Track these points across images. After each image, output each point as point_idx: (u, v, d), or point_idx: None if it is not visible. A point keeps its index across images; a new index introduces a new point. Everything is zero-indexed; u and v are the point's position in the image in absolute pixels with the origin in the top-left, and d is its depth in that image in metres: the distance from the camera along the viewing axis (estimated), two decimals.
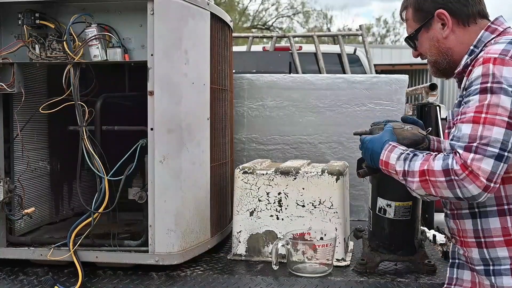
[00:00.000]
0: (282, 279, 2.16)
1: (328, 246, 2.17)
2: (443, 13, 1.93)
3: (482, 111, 1.67)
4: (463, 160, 1.64)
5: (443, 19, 1.94)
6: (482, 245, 1.80)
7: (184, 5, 2.21)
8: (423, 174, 1.73)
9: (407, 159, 1.81)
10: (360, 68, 6.12)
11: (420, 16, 1.99)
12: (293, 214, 2.37)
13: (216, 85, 2.49)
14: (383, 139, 1.96)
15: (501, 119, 1.64)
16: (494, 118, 1.65)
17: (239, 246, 2.42)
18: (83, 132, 2.22)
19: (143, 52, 2.19)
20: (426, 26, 1.98)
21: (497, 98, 1.66)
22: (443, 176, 1.68)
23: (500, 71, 1.68)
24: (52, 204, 2.73)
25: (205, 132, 2.38)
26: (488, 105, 1.66)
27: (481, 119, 1.66)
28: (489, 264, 1.79)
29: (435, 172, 1.69)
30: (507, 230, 1.75)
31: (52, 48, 2.20)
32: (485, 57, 1.73)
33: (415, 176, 1.75)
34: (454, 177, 1.65)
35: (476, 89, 1.70)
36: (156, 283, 2.18)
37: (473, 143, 1.64)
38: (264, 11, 28.80)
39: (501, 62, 1.69)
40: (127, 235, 2.46)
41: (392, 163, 1.85)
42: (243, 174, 2.41)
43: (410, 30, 2.04)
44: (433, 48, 1.98)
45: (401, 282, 2.12)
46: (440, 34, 1.95)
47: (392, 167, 1.85)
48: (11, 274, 2.26)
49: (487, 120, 1.65)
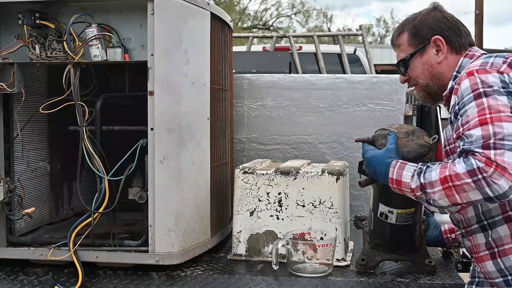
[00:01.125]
0: (282, 279, 2.16)
1: (328, 246, 2.17)
2: (439, 39, 2.03)
3: (485, 113, 1.69)
4: (486, 156, 1.62)
5: (438, 45, 2.04)
6: (496, 255, 1.82)
7: (184, 5, 2.21)
8: (445, 181, 1.69)
9: (421, 173, 1.79)
10: (360, 68, 6.12)
11: (416, 41, 2.07)
12: (293, 214, 2.37)
13: (216, 85, 2.49)
14: (386, 158, 1.93)
15: (506, 115, 1.67)
16: (499, 116, 1.67)
17: (239, 246, 2.42)
18: (83, 132, 2.22)
19: (143, 52, 2.19)
20: (421, 51, 2.07)
21: (493, 99, 1.70)
22: (470, 177, 1.64)
23: (486, 77, 1.75)
24: (52, 204, 2.73)
25: (205, 132, 2.38)
26: (488, 107, 1.69)
27: (488, 119, 1.68)
28: (506, 275, 1.80)
29: (460, 175, 1.66)
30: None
31: (52, 48, 2.20)
32: (467, 71, 1.81)
33: (436, 185, 1.72)
34: (482, 175, 1.62)
35: (470, 98, 1.74)
36: (156, 283, 2.18)
37: (489, 141, 1.64)
38: (265, 11, 28.81)
39: (484, 71, 1.77)
40: (127, 235, 2.46)
41: (406, 181, 1.82)
42: (243, 174, 2.41)
43: (403, 54, 2.11)
44: (426, 72, 2.06)
45: (401, 282, 2.12)
46: (434, 59, 2.04)
47: (406, 185, 1.83)
48: (11, 274, 2.26)
49: (494, 118, 1.67)
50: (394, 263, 2.34)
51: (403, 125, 2.14)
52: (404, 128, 2.10)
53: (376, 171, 1.95)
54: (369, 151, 2.02)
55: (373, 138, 2.09)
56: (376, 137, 2.09)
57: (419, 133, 2.06)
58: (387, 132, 2.06)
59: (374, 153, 1.99)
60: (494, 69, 1.78)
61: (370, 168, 1.99)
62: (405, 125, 2.14)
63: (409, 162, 1.91)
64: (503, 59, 1.82)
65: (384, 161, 1.92)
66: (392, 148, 1.96)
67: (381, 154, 1.96)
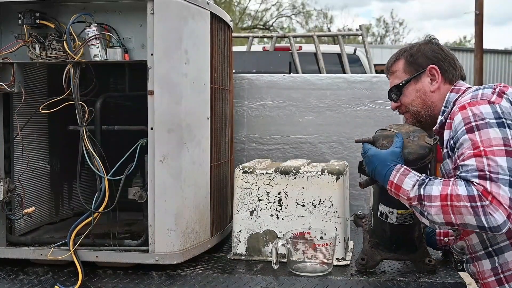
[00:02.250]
0: (282, 278, 2.16)
1: (328, 246, 2.17)
2: (435, 68, 2.10)
3: (479, 146, 1.72)
4: (483, 186, 1.66)
5: (433, 74, 2.10)
6: (503, 281, 1.84)
7: (184, 5, 2.21)
8: (445, 199, 1.71)
9: (422, 184, 1.80)
10: (360, 68, 6.12)
11: (412, 68, 2.14)
12: (293, 214, 2.37)
13: (216, 85, 2.49)
14: (389, 161, 1.92)
15: (498, 149, 1.70)
16: (492, 150, 1.71)
17: (239, 245, 2.42)
18: (83, 132, 2.22)
19: (143, 51, 2.19)
20: (416, 79, 2.13)
21: (485, 133, 1.74)
22: (469, 202, 1.66)
23: (478, 109, 1.79)
24: (52, 204, 2.73)
25: (205, 131, 2.38)
26: (481, 141, 1.73)
27: (481, 152, 1.71)
28: None
29: (461, 196, 1.68)
30: None
31: (52, 47, 2.20)
32: (459, 106, 1.86)
33: (435, 200, 1.73)
34: (482, 203, 1.64)
35: (463, 132, 1.78)
36: (156, 283, 2.18)
37: (485, 173, 1.67)
38: (265, 11, 28.82)
39: (475, 103, 1.82)
40: (127, 235, 2.47)
41: (406, 189, 1.83)
42: (243, 174, 2.41)
43: (398, 80, 2.17)
44: (418, 100, 2.12)
45: (401, 281, 2.12)
46: (428, 87, 2.11)
47: (405, 192, 1.84)
48: (11, 273, 2.26)
49: (487, 152, 1.70)
50: (394, 262, 2.34)
51: (403, 125, 2.14)
52: (405, 128, 2.10)
53: (376, 170, 1.95)
54: (371, 149, 2.01)
55: (374, 138, 2.09)
56: (376, 138, 2.08)
57: (419, 134, 2.06)
58: (389, 133, 2.05)
59: (376, 151, 1.99)
60: (485, 99, 1.82)
61: (370, 166, 1.98)
62: (405, 125, 2.14)
63: (409, 163, 1.92)
64: (491, 89, 1.87)
65: (387, 163, 1.92)
66: (397, 152, 1.95)
67: (384, 154, 1.95)
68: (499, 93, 1.85)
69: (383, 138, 2.05)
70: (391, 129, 2.09)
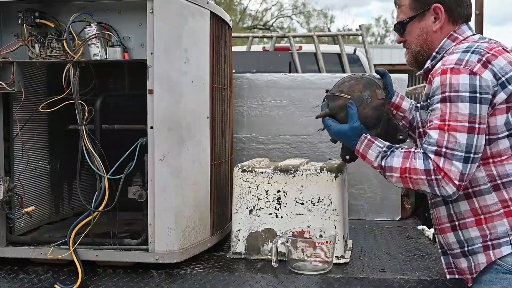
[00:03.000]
0: (282, 276, 2.16)
1: (328, 244, 2.17)
2: (439, 8, 2.06)
3: (445, 119, 1.86)
4: (436, 163, 1.84)
5: (437, 13, 2.07)
6: (457, 227, 1.98)
7: (183, 4, 2.22)
8: (404, 171, 1.90)
9: (385, 156, 1.97)
10: (360, 68, 6.12)
11: (417, 5, 2.10)
12: (292, 212, 2.37)
13: (216, 84, 2.49)
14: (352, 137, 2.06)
15: (462, 125, 1.83)
16: (456, 125, 1.83)
17: (238, 244, 2.43)
18: (82, 131, 2.22)
19: (143, 50, 2.19)
20: (420, 16, 2.09)
21: (455, 106, 1.83)
22: (425, 175, 1.86)
23: (457, 80, 1.84)
24: (52, 203, 2.73)
25: (205, 130, 2.38)
26: (449, 114, 1.84)
27: (445, 126, 1.84)
28: (465, 246, 1.97)
29: (418, 170, 1.87)
30: (476, 211, 1.93)
31: (51, 47, 2.20)
32: (442, 68, 1.89)
33: (395, 172, 1.93)
34: (435, 176, 1.84)
35: (437, 99, 1.87)
36: (156, 281, 2.19)
37: (442, 148, 1.84)
38: (265, 11, 28.82)
39: (457, 71, 1.85)
40: (127, 234, 2.46)
41: (371, 159, 2.02)
42: (242, 173, 2.41)
43: (403, 16, 2.14)
44: (420, 39, 2.11)
45: (401, 279, 2.12)
46: (431, 27, 2.08)
47: (369, 161, 2.03)
48: (11, 273, 2.26)
49: (451, 127, 1.83)
50: (394, 261, 2.34)
51: (353, 84, 2.14)
52: (356, 89, 2.12)
53: (343, 143, 2.16)
54: (331, 126, 2.12)
55: (332, 112, 2.13)
56: (334, 110, 2.12)
57: (371, 91, 2.10)
58: (343, 102, 2.09)
59: (337, 129, 2.11)
60: (468, 68, 1.85)
61: (336, 139, 2.15)
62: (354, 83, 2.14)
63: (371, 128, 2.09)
64: (479, 56, 1.87)
65: (351, 138, 2.07)
66: (357, 126, 2.06)
67: (345, 131, 2.08)
68: (485, 62, 1.86)
69: (340, 110, 2.10)
70: (343, 95, 2.11)
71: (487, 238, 1.91)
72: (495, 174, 1.89)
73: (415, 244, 2.68)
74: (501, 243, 1.88)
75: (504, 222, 1.88)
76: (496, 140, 1.88)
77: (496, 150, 1.89)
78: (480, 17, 14.21)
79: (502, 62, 1.88)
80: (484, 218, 1.91)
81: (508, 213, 1.88)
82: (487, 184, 1.90)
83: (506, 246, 1.88)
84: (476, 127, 1.83)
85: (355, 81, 2.15)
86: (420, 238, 2.81)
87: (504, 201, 1.89)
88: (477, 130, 1.83)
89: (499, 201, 1.89)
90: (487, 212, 1.91)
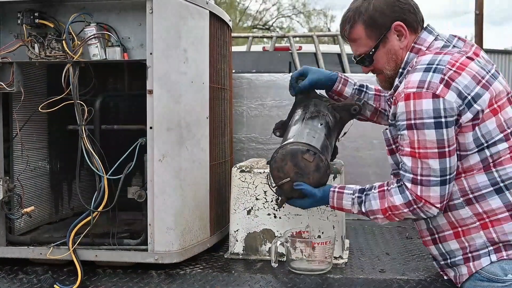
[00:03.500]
0: (281, 277, 2.16)
1: (328, 244, 2.17)
2: (401, 25, 1.99)
3: (415, 147, 1.84)
4: (414, 192, 1.86)
5: (399, 30, 2.00)
6: (437, 240, 1.98)
7: (183, 4, 2.22)
8: (386, 211, 1.94)
9: (361, 202, 1.99)
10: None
11: (375, 32, 2.00)
12: (290, 213, 2.37)
13: (215, 84, 2.49)
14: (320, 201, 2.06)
15: (432, 151, 1.82)
16: (426, 153, 1.83)
17: (236, 244, 2.42)
18: (82, 131, 2.22)
19: (142, 51, 2.19)
20: (383, 41, 2.01)
21: (422, 134, 1.82)
22: (407, 207, 1.89)
23: (420, 105, 1.81)
24: (52, 203, 2.73)
25: (204, 131, 2.38)
26: (418, 141, 1.83)
27: (416, 154, 1.84)
28: (447, 258, 1.98)
29: (398, 206, 1.90)
30: (453, 223, 1.92)
31: (51, 47, 2.20)
32: (405, 92, 1.84)
33: (378, 214, 1.96)
34: (417, 205, 1.87)
35: (404, 125, 1.86)
36: (156, 282, 2.19)
37: (417, 176, 1.85)
38: (265, 11, 28.83)
39: (419, 96, 1.81)
40: (126, 234, 2.46)
41: (347, 208, 2.03)
42: (240, 173, 2.41)
43: (364, 48, 2.04)
44: (391, 62, 2.04)
45: (401, 280, 2.12)
46: (398, 45, 2.01)
47: (348, 210, 2.04)
48: (10, 273, 2.26)
49: (421, 154, 1.83)
50: (394, 261, 2.34)
51: (282, 166, 2.03)
52: (287, 169, 2.02)
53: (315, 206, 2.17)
54: (303, 204, 2.09)
55: (288, 197, 2.07)
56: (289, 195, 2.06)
57: (301, 161, 2.00)
58: (292, 186, 2.02)
59: (308, 203, 2.07)
60: (430, 91, 1.79)
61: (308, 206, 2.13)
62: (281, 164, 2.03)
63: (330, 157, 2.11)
64: (441, 76, 1.80)
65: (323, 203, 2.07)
66: (317, 196, 2.03)
67: (313, 202, 2.06)
68: (447, 82, 1.79)
69: (293, 192, 2.04)
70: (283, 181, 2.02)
71: (466, 250, 1.91)
72: (466, 187, 1.88)
73: (415, 244, 2.68)
74: (480, 254, 1.89)
75: (481, 234, 1.88)
76: (466, 156, 1.86)
77: (467, 165, 1.87)
78: (480, 17, 14.19)
79: (466, 79, 1.81)
80: (462, 231, 1.91)
81: (484, 225, 1.87)
82: (460, 198, 1.89)
83: (485, 257, 1.88)
84: (446, 151, 1.82)
85: (282, 162, 2.02)
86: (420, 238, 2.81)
87: (479, 214, 1.87)
88: (448, 153, 1.82)
89: (473, 214, 1.88)
90: (464, 225, 1.90)
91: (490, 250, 1.88)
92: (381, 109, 2.38)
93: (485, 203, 1.86)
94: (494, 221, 1.86)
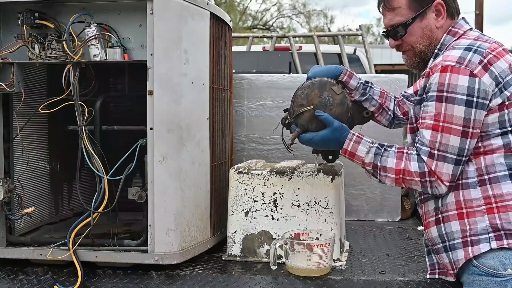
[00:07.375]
0: (281, 278, 2.16)
1: (327, 246, 2.17)
2: (441, 4, 2.03)
3: (440, 120, 1.85)
4: (429, 166, 1.88)
5: (439, 9, 2.04)
6: (440, 220, 1.98)
7: (183, 5, 2.22)
8: (399, 173, 1.94)
9: (378, 154, 1.99)
10: (360, 68, 6.12)
11: (417, 4, 2.04)
12: (288, 214, 2.36)
13: (216, 85, 2.49)
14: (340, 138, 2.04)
15: (456, 128, 1.84)
16: (450, 127, 1.84)
17: (233, 246, 2.42)
18: (82, 132, 2.22)
19: (143, 51, 2.19)
20: (421, 15, 2.04)
21: (451, 108, 1.83)
22: (419, 177, 1.91)
23: (455, 80, 1.83)
24: (52, 204, 2.73)
25: (204, 131, 2.38)
26: (444, 114, 1.84)
27: (439, 127, 1.85)
28: (446, 240, 1.97)
29: (412, 172, 1.92)
30: (459, 203, 1.93)
31: (51, 48, 2.20)
32: (443, 64, 1.86)
33: (390, 172, 1.96)
34: (429, 178, 1.90)
35: (433, 96, 1.86)
36: (156, 282, 2.19)
37: (434, 150, 1.87)
38: (265, 11, 28.82)
39: (457, 70, 1.84)
40: (126, 235, 2.47)
41: (361, 155, 2.01)
42: (238, 174, 2.41)
43: (401, 18, 2.06)
44: (424, 37, 2.05)
45: (401, 281, 2.12)
46: (434, 23, 2.04)
47: (359, 158, 2.02)
48: (10, 273, 2.26)
49: (444, 128, 1.85)
50: (394, 263, 2.34)
51: (308, 93, 2.11)
52: (313, 96, 2.10)
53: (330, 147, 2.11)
54: (313, 138, 2.08)
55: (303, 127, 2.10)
56: (304, 126, 2.10)
57: (328, 91, 2.09)
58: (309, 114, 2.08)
59: (320, 136, 2.07)
60: (468, 69, 1.83)
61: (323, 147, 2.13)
62: (308, 91, 2.11)
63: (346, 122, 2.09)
64: (481, 57, 1.86)
65: (338, 140, 2.04)
66: (337, 126, 2.04)
67: (328, 135, 2.05)
68: (486, 64, 1.85)
69: (310, 122, 2.09)
70: (305, 109, 2.09)
71: (466, 233, 1.91)
72: (483, 168, 1.89)
73: (415, 245, 2.68)
74: (480, 239, 1.89)
75: (485, 218, 1.89)
76: (488, 138, 1.89)
77: (489, 147, 1.89)
78: (480, 17, 14.21)
79: (503, 65, 1.88)
80: (466, 213, 1.92)
81: (490, 210, 1.89)
82: (475, 178, 1.91)
83: (484, 243, 1.88)
84: (469, 131, 1.85)
85: (308, 89, 2.12)
86: (420, 239, 2.80)
87: (487, 198, 1.89)
88: (470, 134, 1.85)
89: (483, 197, 1.90)
90: (470, 206, 1.91)
91: (491, 236, 1.88)
92: (384, 107, 2.40)
93: (497, 187, 1.88)
94: (501, 207, 1.88)
